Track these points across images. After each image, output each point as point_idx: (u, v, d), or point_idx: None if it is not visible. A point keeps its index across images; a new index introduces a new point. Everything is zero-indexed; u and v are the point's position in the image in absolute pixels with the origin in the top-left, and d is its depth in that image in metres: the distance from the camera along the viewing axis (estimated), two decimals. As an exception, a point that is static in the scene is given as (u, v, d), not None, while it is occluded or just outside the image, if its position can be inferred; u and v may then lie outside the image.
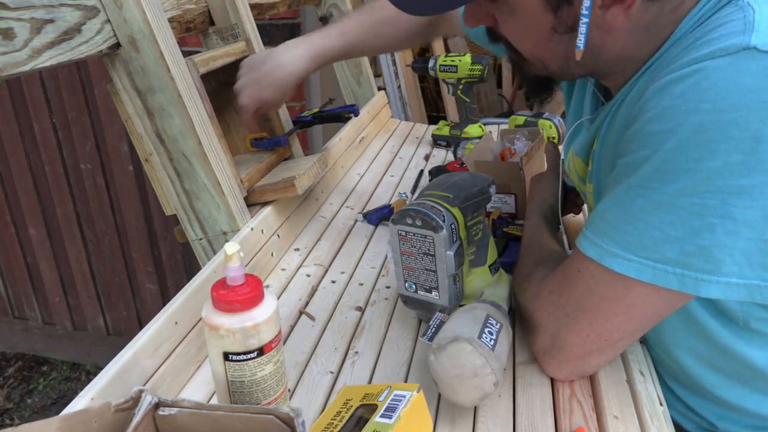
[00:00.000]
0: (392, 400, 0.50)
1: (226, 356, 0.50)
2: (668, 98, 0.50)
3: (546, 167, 0.88)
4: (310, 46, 0.92)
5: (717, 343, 0.60)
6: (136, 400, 0.45)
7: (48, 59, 0.61)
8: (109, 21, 0.69)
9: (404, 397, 0.50)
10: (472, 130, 1.35)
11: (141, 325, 1.85)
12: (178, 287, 0.69)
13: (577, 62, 0.58)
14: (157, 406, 0.46)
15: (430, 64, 1.37)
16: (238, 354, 0.50)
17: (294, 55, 0.90)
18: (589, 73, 0.65)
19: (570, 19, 0.55)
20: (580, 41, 0.55)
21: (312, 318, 0.75)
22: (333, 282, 0.84)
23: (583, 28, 0.54)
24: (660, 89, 0.51)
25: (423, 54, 2.73)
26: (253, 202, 0.89)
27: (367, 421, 0.49)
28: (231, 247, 0.49)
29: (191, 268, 2.08)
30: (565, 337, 0.59)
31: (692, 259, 0.50)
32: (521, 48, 0.63)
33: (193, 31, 0.92)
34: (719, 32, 0.50)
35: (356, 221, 1.04)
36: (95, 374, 0.59)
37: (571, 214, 0.94)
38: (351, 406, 0.53)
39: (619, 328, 0.57)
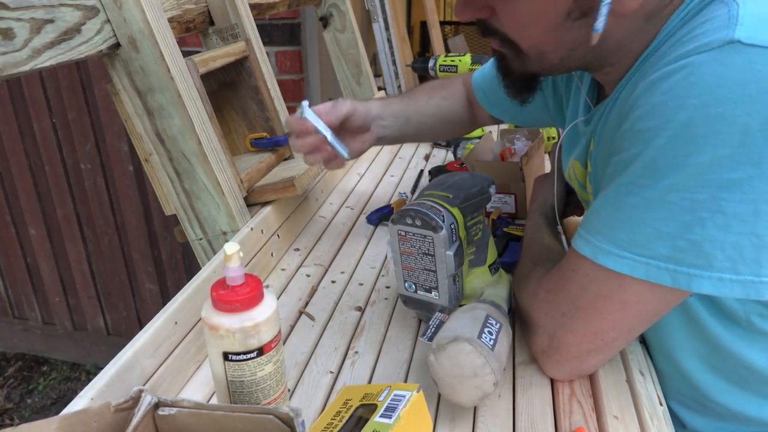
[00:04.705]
0: (392, 399, 0.50)
1: (226, 356, 0.50)
2: (656, 95, 0.50)
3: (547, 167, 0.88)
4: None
5: (718, 345, 0.60)
6: (135, 400, 0.45)
7: (48, 59, 0.61)
8: (108, 21, 0.69)
9: (404, 396, 0.50)
10: (472, 130, 1.35)
11: (141, 325, 1.85)
12: (178, 287, 0.69)
13: (577, 53, 0.57)
14: (157, 406, 0.46)
15: (430, 63, 1.37)
16: (238, 354, 0.50)
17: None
18: (585, 65, 0.63)
19: (588, 1, 0.53)
20: (600, 23, 0.53)
21: (312, 318, 0.75)
22: (333, 282, 0.84)
23: (604, 9, 0.52)
24: (649, 86, 0.51)
25: (423, 54, 2.73)
26: (253, 202, 0.89)
27: (367, 421, 0.49)
28: (231, 247, 0.49)
29: (191, 268, 2.08)
30: (561, 336, 0.59)
31: (684, 254, 0.50)
32: (523, 39, 0.59)
33: (193, 31, 0.92)
34: (704, 27, 0.50)
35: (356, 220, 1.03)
36: (95, 374, 0.59)
37: (574, 216, 0.94)
38: (351, 406, 0.53)
39: (615, 326, 0.57)
